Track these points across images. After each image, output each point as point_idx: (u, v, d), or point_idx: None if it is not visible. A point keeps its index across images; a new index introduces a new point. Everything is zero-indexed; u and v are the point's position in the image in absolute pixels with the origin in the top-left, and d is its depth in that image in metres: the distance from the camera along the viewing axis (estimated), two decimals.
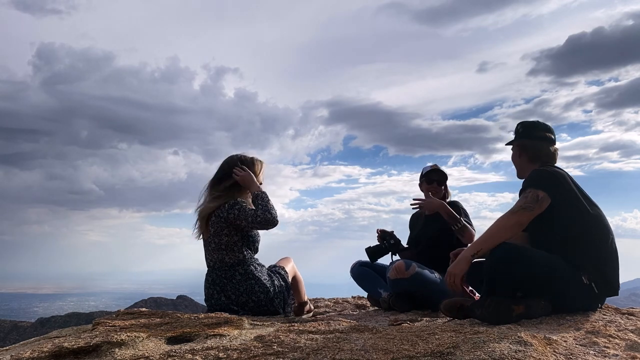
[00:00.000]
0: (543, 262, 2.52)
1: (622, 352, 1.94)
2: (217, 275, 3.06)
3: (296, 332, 2.19)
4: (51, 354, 1.85)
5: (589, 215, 2.63)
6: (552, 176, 2.69)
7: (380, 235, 3.74)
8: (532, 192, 2.61)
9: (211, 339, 2.04)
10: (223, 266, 3.05)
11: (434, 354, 1.80)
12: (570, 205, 2.62)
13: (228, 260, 3.05)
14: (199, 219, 3.15)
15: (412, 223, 4.03)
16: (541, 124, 2.93)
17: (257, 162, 3.28)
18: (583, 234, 2.60)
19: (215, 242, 3.06)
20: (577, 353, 1.89)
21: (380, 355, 1.81)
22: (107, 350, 1.89)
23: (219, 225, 3.03)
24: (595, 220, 2.65)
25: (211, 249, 3.09)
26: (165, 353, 1.86)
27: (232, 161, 3.21)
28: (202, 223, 3.13)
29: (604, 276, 2.57)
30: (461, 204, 3.67)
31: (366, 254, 3.69)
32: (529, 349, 1.82)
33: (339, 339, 2.02)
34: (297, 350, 1.88)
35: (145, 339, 2.03)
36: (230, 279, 3.01)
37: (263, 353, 1.86)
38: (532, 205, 2.58)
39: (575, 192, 2.65)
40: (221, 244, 3.04)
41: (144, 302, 53.63)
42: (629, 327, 2.34)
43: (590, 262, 2.55)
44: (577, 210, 2.62)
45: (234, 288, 2.99)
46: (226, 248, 3.05)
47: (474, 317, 2.45)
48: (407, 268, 3.21)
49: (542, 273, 2.50)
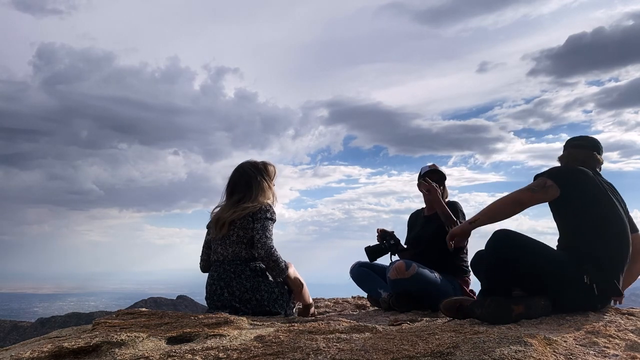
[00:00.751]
0: (547, 253, 2.51)
1: (622, 352, 1.94)
2: (224, 270, 3.04)
3: (296, 332, 2.19)
4: (51, 354, 1.85)
5: (600, 214, 2.59)
6: (568, 171, 2.70)
7: (380, 235, 3.74)
8: (541, 179, 2.64)
9: (211, 339, 2.04)
10: (235, 260, 3.04)
11: (434, 354, 1.80)
12: (582, 201, 2.60)
13: (244, 254, 3.05)
14: (225, 220, 3.10)
15: (411, 223, 4.02)
16: (590, 138, 2.95)
17: (269, 166, 3.33)
18: (588, 232, 2.57)
19: (239, 235, 3.05)
20: (577, 353, 1.89)
21: (380, 355, 1.81)
22: (107, 350, 1.89)
23: (247, 220, 3.06)
24: (605, 221, 2.60)
25: (230, 242, 3.07)
26: (165, 353, 1.86)
27: (263, 167, 3.28)
28: (226, 222, 3.10)
29: (606, 278, 2.53)
30: (460, 206, 3.66)
31: (365, 254, 3.69)
32: (529, 349, 1.82)
33: (339, 339, 2.02)
34: (297, 350, 1.88)
35: (145, 339, 2.03)
36: (239, 275, 3.00)
37: (263, 353, 1.85)
38: (536, 188, 2.59)
39: (592, 190, 2.62)
40: (245, 237, 3.05)
41: (144, 302, 53.61)
42: (629, 327, 2.34)
43: (592, 262, 2.51)
44: (587, 207, 2.59)
45: (241, 284, 2.98)
46: (248, 242, 3.05)
47: (474, 317, 2.44)
48: (407, 268, 3.22)
49: (545, 264, 2.48)
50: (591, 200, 2.61)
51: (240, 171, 3.27)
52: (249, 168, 3.27)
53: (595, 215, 2.60)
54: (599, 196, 2.63)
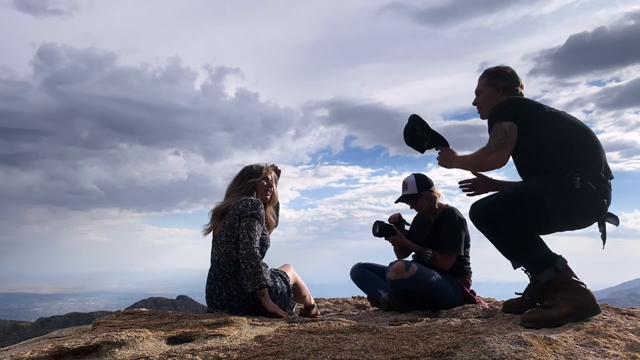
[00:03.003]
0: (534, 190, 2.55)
1: (622, 353, 1.94)
2: (220, 270, 3.02)
3: (296, 332, 2.19)
4: (51, 354, 1.85)
5: (560, 124, 2.63)
6: (512, 103, 2.71)
7: (397, 219, 3.73)
8: (499, 128, 2.63)
9: (211, 339, 2.04)
10: (229, 260, 3.01)
11: (434, 354, 1.80)
12: (539, 120, 2.63)
13: (234, 254, 3.00)
14: (214, 214, 3.14)
15: (415, 223, 3.97)
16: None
17: (268, 169, 3.33)
18: (561, 140, 2.59)
19: (227, 234, 3.02)
20: (577, 353, 1.89)
21: (380, 355, 1.81)
22: (107, 350, 1.89)
23: (234, 218, 3.03)
24: (564, 122, 2.65)
25: (221, 242, 3.05)
26: (165, 353, 1.86)
27: (258, 168, 3.28)
28: (216, 217, 3.12)
29: (594, 171, 2.54)
30: (457, 212, 3.57)
31: (372, 227, 3.62)
32: (529, 349, 1.82)
33: (339, 339, 2.03)
34: (297, 350, 1.88)
35: (145, 339, 2.03)
36: (234, 275, 2.97)
37: (263, 353, 1.86)
38: (504, 141, 2.59)
39: (544, 109, 2.66)
40: (233, 237, 3.01)
41: (144, 302, 53.65)
42: (629, 327, 2.34)
43: (578, 162, 2.53)
44: (547, 121, 2.62)
45: (237, 284, 2.96)
46: (237, 242, 3.00)
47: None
48: (407, 269, 3.22)
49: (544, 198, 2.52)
50: (545, 116, 2.64)
51: (239, 173, 3.30)
52: (248, 169, 3.29)
53: (558, 124, 2.63)
54: (547, 110, 2.67)
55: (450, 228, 3.50)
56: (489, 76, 2.92)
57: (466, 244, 3.54)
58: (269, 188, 3.30)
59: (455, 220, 3.51)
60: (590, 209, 2.55)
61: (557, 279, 2.50)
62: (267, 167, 3.34)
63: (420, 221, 3.84)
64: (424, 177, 3.67)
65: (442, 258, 3.43)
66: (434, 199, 3.63)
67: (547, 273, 2.50)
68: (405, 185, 3.67)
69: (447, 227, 3.50)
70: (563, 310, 2.38)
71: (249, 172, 3.28)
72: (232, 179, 3.32)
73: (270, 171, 3.34)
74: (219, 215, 3.13)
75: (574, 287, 2.46)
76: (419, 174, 3.70)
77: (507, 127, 2.61)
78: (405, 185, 3.66)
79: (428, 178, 3.67)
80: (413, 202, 3.65)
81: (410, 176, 3.69)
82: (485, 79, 2.93)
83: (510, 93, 2.85)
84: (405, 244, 3.61)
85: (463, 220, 3.54)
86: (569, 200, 2.50)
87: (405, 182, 3.68)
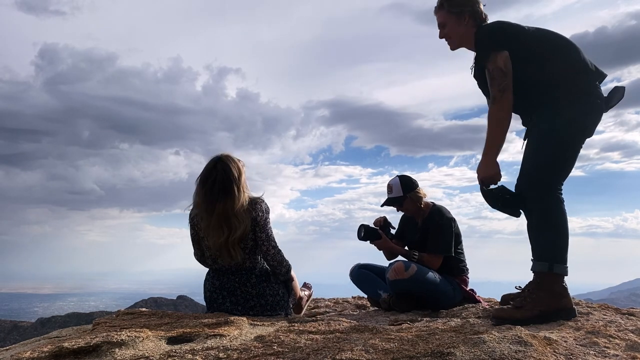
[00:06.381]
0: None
1: (622, 353, 1.94)
2: (227, 280, 2.91)
3: (296, 332, 2.19)
4: (51, 354, 1.84)
5: (546, 38, 2.59)
6: (497, 30, 2.62)
7: (382, 222, 3.68)
8: (492, 66, 2.54)
9: (211, 339, 2.04)
10: (239, 270, 2.90)
11: (434, 354, 1.80)
12: (527, 50, 2.56)
13: (248, 264, 2.90)
14: (228, 246, 2.82)
15: (402, 224, 3.92)
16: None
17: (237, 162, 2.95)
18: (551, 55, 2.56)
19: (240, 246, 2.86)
20: (577, 353, 1.89)
21: (380, 355, 1.81)
22: (107, 350, 1.89)
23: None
24: (545, 37, 2.61)
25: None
26: (165, 353, 1.86)
27: (236, 164, 2.91)
28: (235, 246, 2.84)
29: (593, 78, 2.55)
30: (445, 211, 3.52)
31: (358, 230, 3.56)
32: (529, 349, 1.82)
33: (339, 339, 2.03)
34: (297, 350, 1.88)
35: (145, 339, 2.02)
36: (244, 283, 2.89)
37: (263, 353, 1.86)
38: (504, 81, 2.51)
39: (526, 31, 2.60)
40: (246, 248, 2.87)
41: (144, 302, 53.68)
42: (629, 327, 2.34)
43: (566, 69, 2.53)
44: (534, 52, 2.57)
45: (246, 292, 2.89)
46: (250, 251, 2.88)
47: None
48: (406, 269, 3.21)
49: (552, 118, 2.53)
50: (530, 43, 2.58)
51: (222, 164, 2.87)
52: (225, 166, 2.88)
53: (545, 40, 2.59)
54: (531, 31, 2.62)
55: (438, 229, 3.46)
56: (449, 4, 2.76)
57: (457, 241, 3.51)
58: None
59: (444, 221, 3.47)
60: (592, 112, 2.55)
61: (543, 278, 2.49)
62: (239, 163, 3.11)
63: (409, 222, 3.80)
64: (408, 178, 3.60)
65: (429, 259, 3.40)
66: (419, 200, 3.58)
67: (541, 265, 2.49)
68: (390, 188, 3.60)
69: (436, 229, 3.47)
70: (528, 314, 2.43)
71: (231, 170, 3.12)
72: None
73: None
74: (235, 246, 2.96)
75: (551, 290, 2.47)
76: (403, 175, 3.62)
77: (501, 63, 2.52)
78: (390, 188, 3.59)
79: (413, 179, 3.61)
80: (399, 205, 3.61)
81: (394, 178, 3.62)
82: (446, 9, 2.77)
83: (476, 15, 2.73)
84: (390, 247, 3.57)
85: (451, 219, 3.50)
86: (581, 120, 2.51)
87: (390, 185, 3.61)
